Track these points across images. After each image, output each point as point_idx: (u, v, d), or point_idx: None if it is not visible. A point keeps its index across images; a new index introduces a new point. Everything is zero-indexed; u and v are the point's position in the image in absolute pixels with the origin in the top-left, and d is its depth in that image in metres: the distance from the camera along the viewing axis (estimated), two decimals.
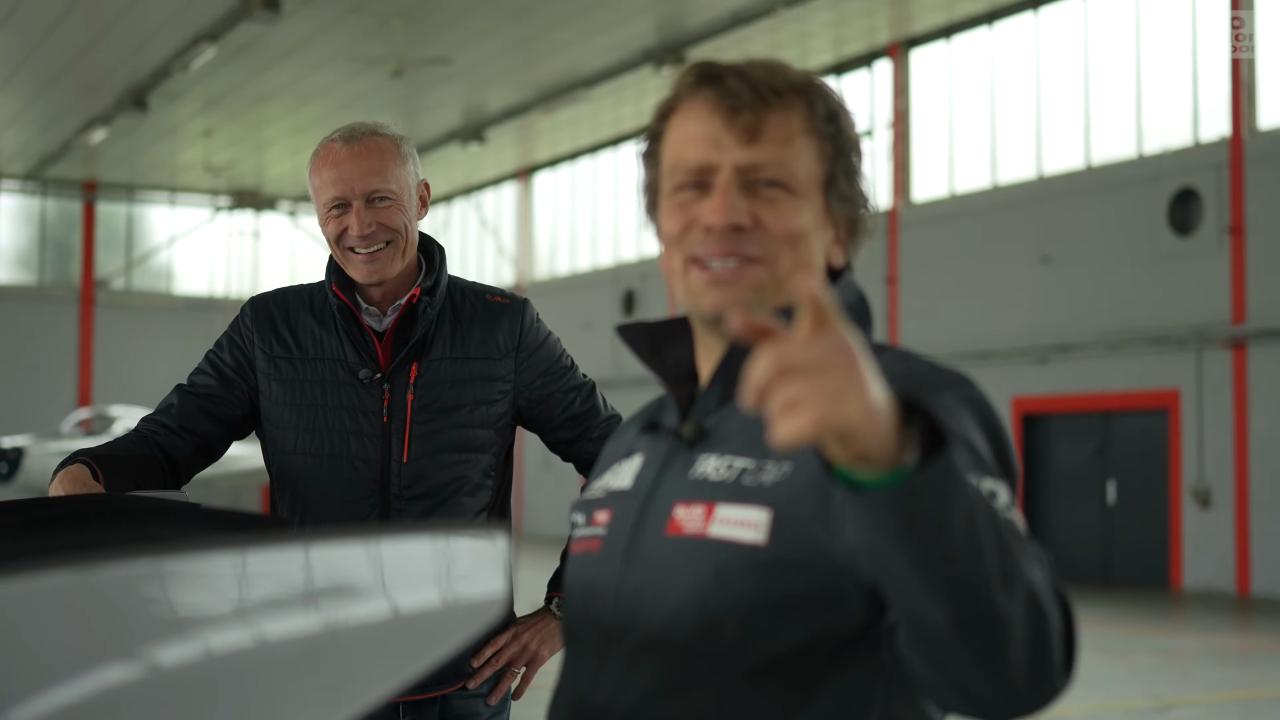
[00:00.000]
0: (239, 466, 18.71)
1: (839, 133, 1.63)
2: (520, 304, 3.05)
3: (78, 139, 26.29)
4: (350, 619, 1.18)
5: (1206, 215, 17.78)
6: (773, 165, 1.59)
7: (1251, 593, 17.11)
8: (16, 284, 30.84)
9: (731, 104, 1.59)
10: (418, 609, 1.21)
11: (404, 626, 1.21)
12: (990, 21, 20.51)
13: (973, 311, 20.59)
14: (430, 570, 1.23)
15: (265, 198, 31.86)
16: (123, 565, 1.11)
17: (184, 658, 1.10)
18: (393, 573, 1.21)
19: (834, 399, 1.16)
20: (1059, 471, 19.83)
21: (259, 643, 1.15)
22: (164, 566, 1.13)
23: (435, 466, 2.90)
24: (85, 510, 2.07)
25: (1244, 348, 17.38)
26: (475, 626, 1.25)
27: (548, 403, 3.03)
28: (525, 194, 31.44)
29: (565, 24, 20.17)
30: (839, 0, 19.31)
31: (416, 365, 2.92)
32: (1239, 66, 17.46)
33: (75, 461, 2.66)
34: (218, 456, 2.98)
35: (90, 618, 1.08)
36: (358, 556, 1.20)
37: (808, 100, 1.62)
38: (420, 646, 1.22)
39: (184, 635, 1.12)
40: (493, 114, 25.46)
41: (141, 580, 1.12)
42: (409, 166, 2.91)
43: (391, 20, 19.66)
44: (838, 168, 1.63)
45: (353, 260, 2.88)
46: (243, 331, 3.00)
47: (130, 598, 1.11)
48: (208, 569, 1.17)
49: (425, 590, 1.22)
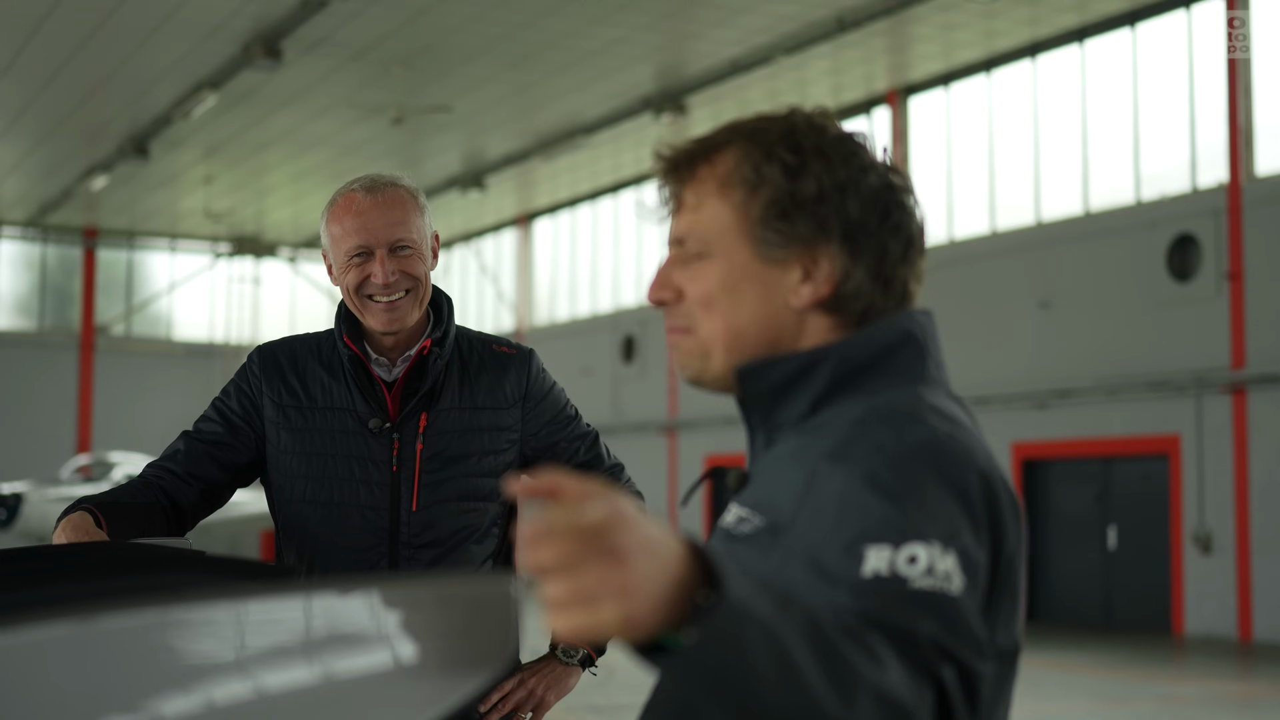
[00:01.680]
0: (238, 513, 18.65)
1: (779, 173, 1.61)
2: (526, 354, 3.08)
3: (79, 186, 26.36)
4: (360, 668, 1.17)
5: (1205, 261, 17.81)
6: (688, 235, 1.65)
7: (1253, 639, 17.04)
8: (16, 330, 30.85)
9: (660, 185, 1.67)
10: (426, 657, 1.21)
11: (413, 675, 1.21)
12: (988, 69, 20.60)
13: (972, 357, 20.59)
14: (439, 619, 1.23)
15: (265, 244, 31.92)
16: (129, 615, 1.11)
17: (189, 708, 1.10)
18: (401, 621, 1.21)
19: (586, 607, 1.13)
20: (1059, 517, 19.78)
21: (265, 693, 1.15)
22: (170, 616, 1.13)
23: (444, 515, 2.92)
24: (90, 559, 2.06)
25: (1244, 393, 17.38)
26: (486, 674, 1.25)
27: (553, 451, 3.05)
28: (525, 240, 31.49)
29: (565, 71, 20.26)
30: (838, 48, 19.39)
31: (425, 415, 2.94)
32: (1236, 113, 17.52)
33: (79, 509, 2.66)
34: (222, 503, 2.99)
35: (96, 668, 1.08)
36: (368, 605, 1.19)
37: (736, 155, 1.64)
38: (429, 695, 1.22)
39: (189, 685, 1.11)
40: (493, 161, 25.54)
41: (147, 630, 1.11)
42: (425, 218, 2.96)
43: (392, 68, 19.74)
44: (769, 210, 1.61)
45: (372, 309, 2.90)
46: (250, 380, 3.01)
47: (135, 647, 1.11)
48: (213, 618, 1.16)
49: (434, 639, 1.22)
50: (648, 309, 26.99)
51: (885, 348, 1.63)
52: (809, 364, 1.62)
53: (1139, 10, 18.44)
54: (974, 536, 1.46)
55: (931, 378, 1.64)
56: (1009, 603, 1.53)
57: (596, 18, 18.12)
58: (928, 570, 1.39)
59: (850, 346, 1.62)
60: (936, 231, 21.88)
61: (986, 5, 17.62)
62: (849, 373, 1.62)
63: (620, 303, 28.38)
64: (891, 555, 1.39)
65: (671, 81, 20.85)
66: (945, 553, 1.41)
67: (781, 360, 1.63)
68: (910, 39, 19.57)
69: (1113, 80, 19.15)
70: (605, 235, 28.84)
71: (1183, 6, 18.12)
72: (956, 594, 1.39)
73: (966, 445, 1.53)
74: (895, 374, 1.62)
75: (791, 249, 1.61)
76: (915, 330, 1.66)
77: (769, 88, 20.75)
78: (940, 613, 1.37)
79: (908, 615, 1.36)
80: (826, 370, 1.61)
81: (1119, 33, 18.92)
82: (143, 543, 2.44)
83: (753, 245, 1.62)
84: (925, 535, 1.41)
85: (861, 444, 1.50)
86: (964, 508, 1.46)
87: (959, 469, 1.49)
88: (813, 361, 1.62)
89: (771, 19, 18.24)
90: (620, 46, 19.23)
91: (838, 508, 1.45)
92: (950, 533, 1.43)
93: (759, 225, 1.61)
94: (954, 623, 1.38)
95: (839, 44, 19.10)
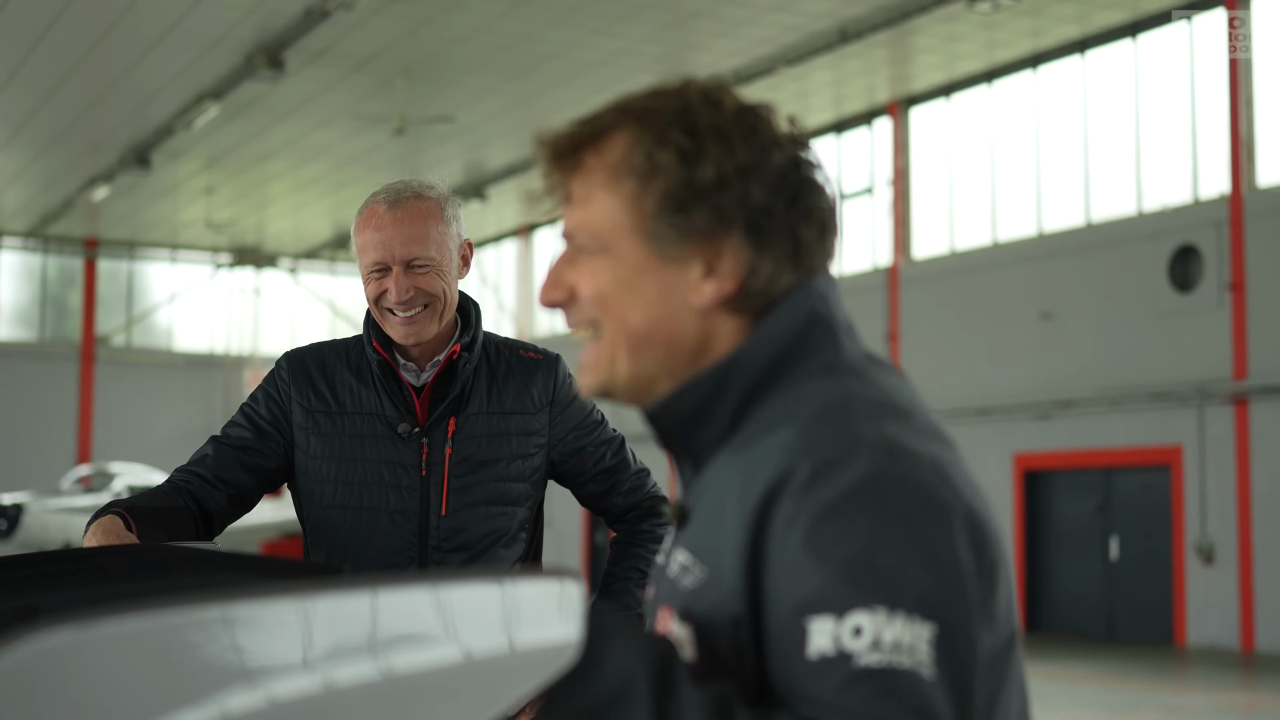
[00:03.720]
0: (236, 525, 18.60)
1: (673, 160, 1.45)
2: (553, 359, 3.09)
3: (80, 196, 26.37)
4: (420, 665, 1.17)
5: (1207, 272, 17.83)
6: (578, 231, 1.50)
7: (1256, 649, 17.04)
8: (17, 341, 30.84)
9: (545, 175, 1.53)
10: (488, 654, 1.21)
11: (475, 673, 1.21)
12: (990, 80, 20.63)
13: (974, 368, 20.60)
14: (501, 614, 1.23)
15: (266, 255, 31.93)
16: (196, 610, 1.11)
17: (248, 706, 1.10)
18: (463, 617, 1.21)
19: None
20: (1061, 528, 19.78)
21: (325, 690, 1.15)
22: (233, 612, 1.13)
23: (473, 519, 2.94)
24: (127, 561, 2.06)
25: (1246, 404, 17.40)
26: (548, 671, 1.24)
27: (580, 456, 3.06)
28: (526, 251, 31.52)
29: (566, 82, 20.30)
30: (839, 59, 19.43)
31: (454, 420, 2.96)
32: (1238, 125, 17.56)
33: (108, 512, 2.67)
34: (250, 508, 3.01)
35: (163, 662, 1.08)
36: (426, 601, 1.19)
37: (625, 141, 1.48)
38: (493, 692, 1.22)
39: (248, 682, 1.11)
40: (494, 171, 25.57)
41: (211, 625, 1.12)
42: (452, 229, 2.93)
43: (394, 79, 19.77)
44: (664, 203, 1.45)
45: (390, 321, 2.92)
46: (279, 385, 3.02)
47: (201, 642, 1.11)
48: (272, 616, 1.17)
49: (497, 635, 1.22)
50: None
51: (792, 338, 1.46)
52: (714, 384, 1.47)
53: (1140, 21, 18.48)
54: (941, 577, 1.29)
55: (847, 355, 1.48)
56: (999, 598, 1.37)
57: (598, 29, 18.16)
58: (873, 644, 1.24)
59: (752, 352, 1.46)
60: (938, 242, 21.90)
61: (988, 16, 17.65)
62: (759, 378, 1.46)
63: None
64: (835, 628, 1.26)
65: None
66: (892, 619, 1.25)
67: (683, 392, 1.48)
68: (912, 50, 19.61)
69: (1114, 91, 19.19)
70: None
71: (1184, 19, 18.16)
72: (911, 667, 1.24)
73: (916, 456, 1.36)
74: (810, 359, 1.46)
75: (690, 244, 1.45)
76: (818, 306, 1.48)
77: (771, 98, 20.49)
78: (896, 692, 1.23)
79: (862, 701, 1.23)
80: (735, 385, 1.46)
81: (1120, 44, 18.97)
82: (177, 545, 2.44)
83: (648, 241, 1.46)
84: (869, 601, 1.26)
85: (793, 487, 1.34)
86: (924, 550, 1.29)
87: (911, 499, 1.32)
88: (717, 381, 1.47)
89: (773, 30, 18.27)
90: (622, 58, 19.27)
91: (779, 572, 1.32)
92: (900, 592, 1.26)
93: (653, 219, 1.45)
94: (919, 707, 1.23)
95: (841, 55, 19.14)
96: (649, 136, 1.46)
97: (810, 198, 1.49)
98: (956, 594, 1.29)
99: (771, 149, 1.50)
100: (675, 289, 1.47)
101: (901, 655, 1.24)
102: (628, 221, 1.47)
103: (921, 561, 1.28)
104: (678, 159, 1.45)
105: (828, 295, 1.50)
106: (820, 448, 1.36)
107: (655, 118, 1.47)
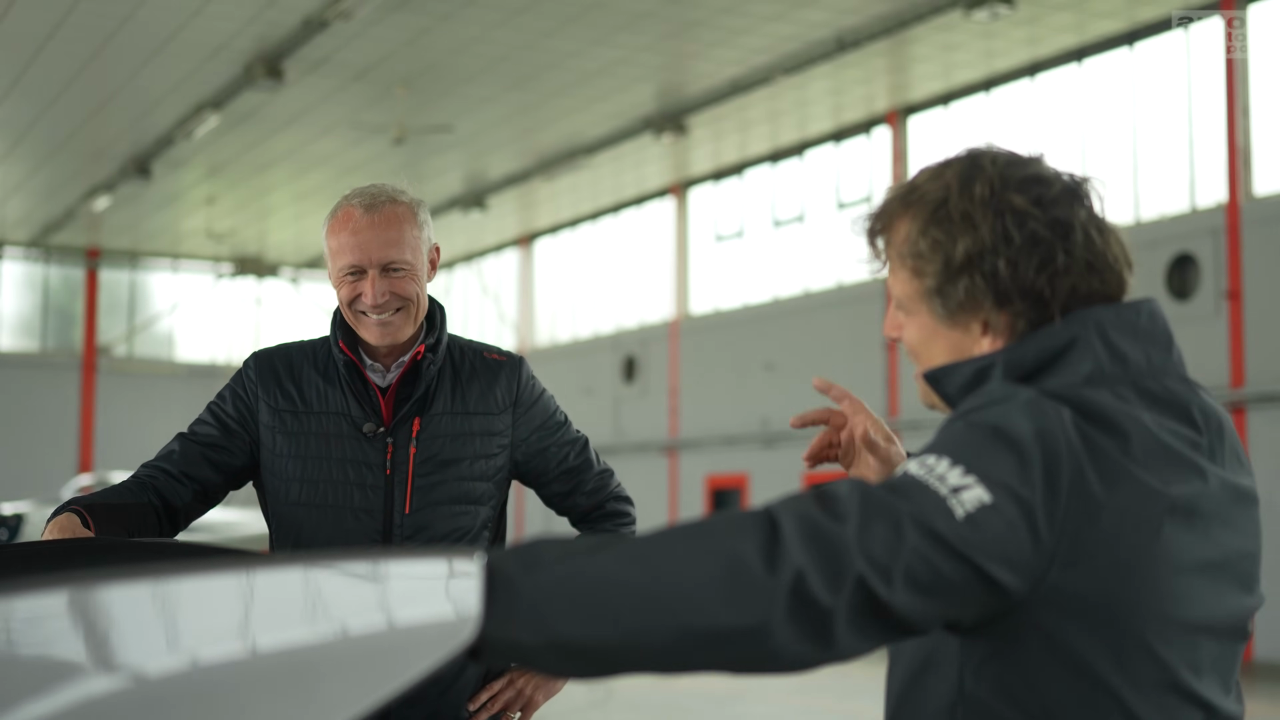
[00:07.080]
0: (236, 533, 18.62)
1: (934, 249, 1.79)
2: (516, 361, 3.14)
3: (81, 206, 26.42)
4: (319, 638, 1.19)
5: (1204, 280, 17.83)
6: (891, 291, 1.88)
7: (1254, 659, 17.01)
8: (19, 351, 30.89)
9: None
10: (389, 628, 1.22)
11: (376, 645, 1.22)
12: (988, 89, 20.65)
13: None
14: (404, 591, 1.24)
15: (267, 265, 31.97)
16: (88, 589, 1.13)
17: (107, 688, 1.11)
18: (364, 594, 1.22)
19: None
20: None
21: (225, 663, 1.16)
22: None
23: (437, 517, 2.97)
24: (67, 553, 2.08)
25: (1243, 411, 17.38)
26: (448, 647, 1.26)
27: (543, 456, 3.10)
28: (526, 260, 31.54)
29: (566, 92, 20.32)
30: (838, 68, 19.45)
31: (419, 420, 2.99)
32: (1235, 133, 17.56)
33: (66, 510, 2.69)
34: (215, 504, 3.04)
35: (58, 636, 1.10)
36: (331, 578, 1.21)
37: (904, 230, 1.82)
38: (393, 666, 1.23)
39: (105, 665, 1.12)
40: (494, 181, 25.60)
41: (105, 601, 1.13)
42: (424, 233, 2.99)
43: (394, 88, 19.81)
44: (937, 282, 1.78)
45: (365, 323, 2.95)
46: (246, 385, 3.06)
47: (109, 618, 1.13)
48: (168, 592, 1.18)
49: (398, 610, 1.23)
50: (649, 329, 27.03)
51: (1049, 353, 1.72)
52: (982, 367, 1.75)
53: (1137, 30, 18.49)
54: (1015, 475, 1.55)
55: (1101, 373, 1.70)
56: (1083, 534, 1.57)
57: (597, 39, 18.19)
58: (929, 470, 1.56)
59: (1013, 351, 1.74)
60: None
61: (985, 25, 17.67)
62: (1017, 376, 1.72)
63: (621, 323, 28.39)
64: (917, 465, 1.58)
65: (672, 102, 20.91)
66: (954, 468, 1.55)
67: (960, 365, 1.78)
68: (910, 59, 19.62)
69: (1111, 100, 19.20)
70: (606, 255, 28.88)
71: (1181, 26, 18.18)
72: (945, 493, 1.52)
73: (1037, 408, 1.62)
74: (1061, 374, 1.70)
75: (963, 313, 1.78)
76: (1081, 332, 1.72)
77: (769, 108, 20.81)
78: (911, 496, 1.52)
79: (885, 487, 1.54)
80: (996, 372, 1.73)
81: (1117, 52, 18.98)
82: (128, 540, 2.46)
83: (933, 309, 1.81)
84: (951, 455, 1.58)
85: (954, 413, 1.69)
86: (1017, 455, 1.57)
87: (1016, 426, 1.60)
88: (984, 365, 1.75)
89: (772, 39, 18.30)
90: (621, 67, 19.30)
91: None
92: (980, 464, 1.56)
93: (932, 295, 1.79)
94: (926, 510, 1.51)
95: (839, 64, 19.16)
96: (915, 228, 1.79)
97: (1062, 260, 1.72)
98: (1021, 491, 1.55)
99: (1021, 222, 1.73)
100: (962, 345, 1.80)
101: (941, 485, 1.54)
102: (916, 293, 1.82)
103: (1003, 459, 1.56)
104: (937, 249, 1.77)
105: (1104, 322, 1.72)
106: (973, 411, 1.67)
107: (921, 209, 1.79)
